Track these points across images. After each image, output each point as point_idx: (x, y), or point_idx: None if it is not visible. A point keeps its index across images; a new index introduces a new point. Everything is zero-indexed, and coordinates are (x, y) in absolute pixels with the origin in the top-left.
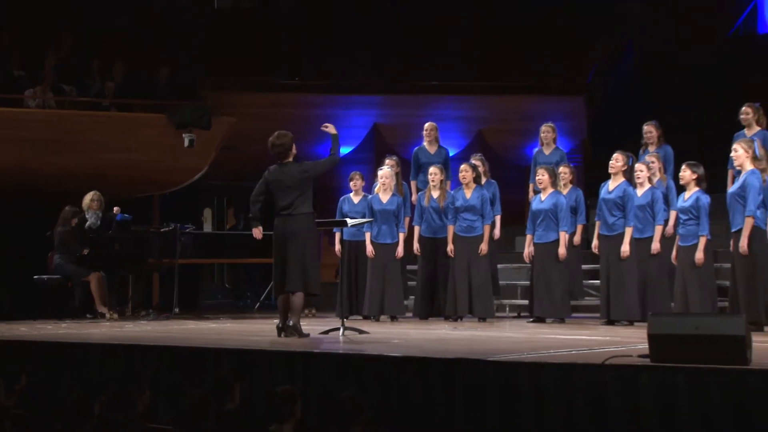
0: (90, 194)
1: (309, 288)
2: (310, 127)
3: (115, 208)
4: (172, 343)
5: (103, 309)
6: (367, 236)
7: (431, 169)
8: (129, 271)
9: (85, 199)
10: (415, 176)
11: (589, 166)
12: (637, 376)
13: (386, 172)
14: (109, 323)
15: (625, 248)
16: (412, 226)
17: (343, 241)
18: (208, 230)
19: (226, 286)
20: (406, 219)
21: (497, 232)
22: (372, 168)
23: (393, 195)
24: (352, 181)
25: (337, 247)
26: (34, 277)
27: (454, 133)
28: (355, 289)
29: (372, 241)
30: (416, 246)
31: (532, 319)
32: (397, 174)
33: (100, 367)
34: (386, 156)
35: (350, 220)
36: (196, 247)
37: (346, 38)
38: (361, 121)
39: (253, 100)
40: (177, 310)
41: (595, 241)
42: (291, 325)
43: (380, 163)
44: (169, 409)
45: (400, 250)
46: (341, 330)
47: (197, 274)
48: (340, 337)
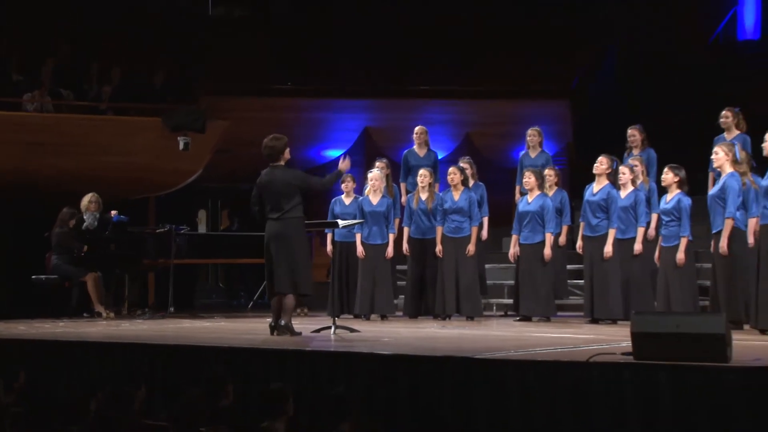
0: (88, 196)
1: (299, 289)
2: (303, 131)
3: (112, 212)
4: (168, 342)
5: (99, 308)
6: (358, 237)
7: (420, 172)
8: (125, 271)
9: (83, 201)
10: (405, 178)
11: (573, 169)
12: (621, 374)
13: (376, 175)
14: (105, 322)
15: (608, 249)
16: (402, 227)
17: (334, 242)
18: (203, 231)
19: (220, 285)
20: (396, 220)
21: (485, 233)
22: (363, 170)
23: (383, 197)
24: (344, 183)
25: (329, 248)
26: (32, 277)
27: (442, 137)
28: (346, 288)
29: (362, 242)
30: (405, 246)
31: (518, 318)
32: (387, 176)
33: (98, 365)
34: (376, 159)
35: (341, 222)
36: (191, 247)
37: (338, 44)
38: (352, 125)
39: (247, 105)
40: (172, 309)
41: (579, 242)
42: (283, 325)
43: (371, 166)
44: (164, 406)
45: (390, 251)
46: (332, 328)
47: (192, 274)
48: (332, 336)
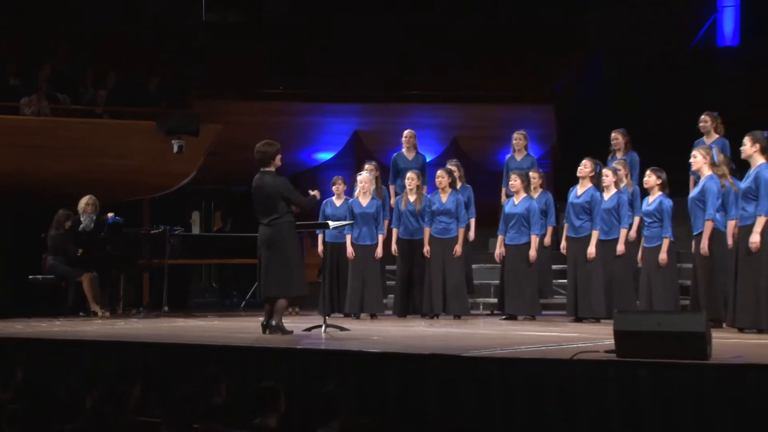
0: (85, 198)
1: (290, 292)
2: (294, 134)
3: (109, 214)
4: (162, 340)
5: (95, 307)
6: (348, 238)
7: (408, 174)
8: (120, 272)
9: (80, 203)
10: (394, 181)
11: (558, 171)
12: (604, 371)
13: (365, 177)
14: (101, 321)
15: (591, 250)
16: (391, 228)
17: (325, 243)
18: (196, 232)
19: (214, 285)
20: (385, 221)
21: (472, 234)
22: (353, 173)
23: (372, 198)
24: (335, 185)
25: (320, 249)
26: (29, 277)
27: (430, 140)
28: (337, 288)
29: (352, 243)
30: (394, 247)
31: (504, 317)
32: (377, 178)
33: (93, 363)
34: (366, 161)
35: (332, 223)
36: (185, 248)
37: (330, 50)
38: (342, 129)
39: (239, 109)
40: (166, 309)
41: (563, 243)
42: (274, 325)
43: (360, 169)
44: (159, 403)
45: (380, 251)
46: (323, 327)
47: (186, 274)
48: (323, 334)
